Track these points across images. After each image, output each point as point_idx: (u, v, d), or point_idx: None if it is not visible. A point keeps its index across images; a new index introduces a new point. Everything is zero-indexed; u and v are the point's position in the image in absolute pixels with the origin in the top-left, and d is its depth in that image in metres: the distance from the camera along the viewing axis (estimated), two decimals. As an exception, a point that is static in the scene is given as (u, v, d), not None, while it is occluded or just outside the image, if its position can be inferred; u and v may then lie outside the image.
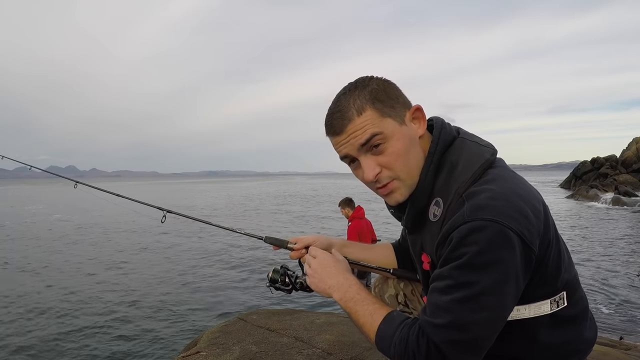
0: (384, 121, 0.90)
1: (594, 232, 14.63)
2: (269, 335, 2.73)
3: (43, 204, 34.82)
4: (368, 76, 0.97)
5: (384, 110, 0.91)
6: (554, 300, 0.89)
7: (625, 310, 6.54)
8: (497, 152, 0.94)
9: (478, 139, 0.98)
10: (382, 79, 0.96)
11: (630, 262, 9.93)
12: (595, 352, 2.52)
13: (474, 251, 0.78)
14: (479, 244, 0.77)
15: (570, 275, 0.93)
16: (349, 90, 0.94)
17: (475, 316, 0.78)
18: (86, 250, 12.74)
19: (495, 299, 0.78)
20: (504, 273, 0.77)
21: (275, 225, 18.79)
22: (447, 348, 0.80)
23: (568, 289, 0.91)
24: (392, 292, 1.37)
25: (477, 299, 0.78)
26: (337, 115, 0.92)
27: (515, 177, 0.90)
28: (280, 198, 39.37)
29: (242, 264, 10.33)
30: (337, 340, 2.60)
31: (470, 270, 0.78)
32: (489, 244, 0.77)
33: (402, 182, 0.95)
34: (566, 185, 39.08)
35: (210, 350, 2.50)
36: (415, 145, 0.94)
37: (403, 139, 0.92)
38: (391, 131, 0.91)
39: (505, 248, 0.77)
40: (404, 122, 0.93)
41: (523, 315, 0.88)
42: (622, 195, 23.75)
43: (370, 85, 0.93)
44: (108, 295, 7.80)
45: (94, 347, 5.43)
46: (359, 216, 5.33)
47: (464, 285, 0.78)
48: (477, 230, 0.78)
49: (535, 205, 0.84)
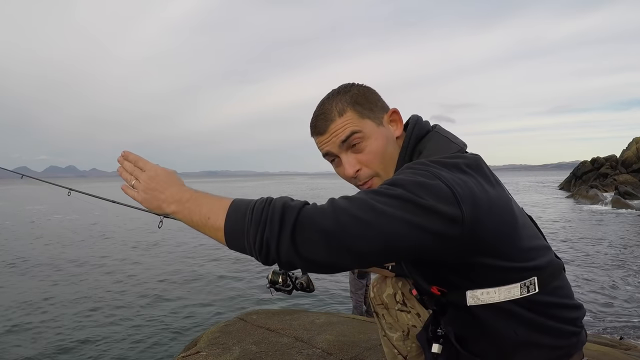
0: (363, 122, 0.98)
1: (594, 233, 14.62)
2: (269, 335, 2.73)
3: (44, 204, 34.83)
4: (350, 83, 1.05)
5: (364, 113, 0.98)
6: (524, 284, 0.89)
7: (625, 310, 6.54)
8: (465, 150, 0.98)
9: (451, 136, 1.01)
10: (362, 85, 1.04)
11: (630, 263, 9.93)
12: (595, 352, 2.52)
13: (403, 178, 0.79)
14: (411, 175, 0.80)
15: (543, 263, 0.93)
16: (332, 95, 1.02)
17: (385, 207, 0.74)
18: (85, 251, 12.74)
19: (409, 209, 0.74)
20: (421, 197, 0.74)
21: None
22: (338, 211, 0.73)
23: (540, 275, 0.91)
24: (390, 292, 1.38)
25: (394, 197, 0.75)
26: (320, 117, 1.00)
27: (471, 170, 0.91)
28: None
29: (242, 264, 10.33)
30: (337, 340, 2.61)
31: (394, 183, 0.78)
32: (417, 178, 0.78)
33: (381, 178, 1.00)
34: (566, 186, 39.05)
35: (210, 350, 2.50)
36: (392, 145, 1.01)
37: (380, 138, 0.99)
38: (369, 131, 0.98)
39: (430, 186, 0.76)
40: (382, 124, 1.00)
41: (493, 299, 0.88)
42: (621, 196, 23.73)
43: (351, 90, 1.01)
44: (107, 295, 7.80)
45: (93, 348, 5.42)
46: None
47: (386, 187, 0.78)
48: (410, 168, 0.84)
49: (481, 186, 0.83)
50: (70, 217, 22.87)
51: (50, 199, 38.06)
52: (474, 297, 0.89)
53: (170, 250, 12.52)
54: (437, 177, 0.79)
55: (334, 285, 7.92)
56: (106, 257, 11.69)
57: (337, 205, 0.75)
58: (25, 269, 10.27)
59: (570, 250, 11.44)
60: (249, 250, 0.78)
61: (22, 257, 11.77)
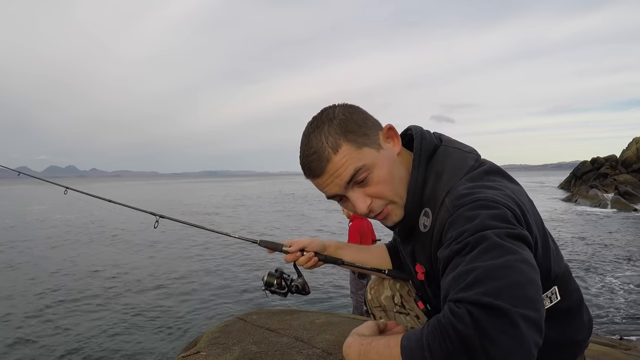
0: (362, 152, 0.89)
1: (594, 233, 14.63)
2: (269, 335, 2.73)
3: (45, 204, 34.84)
4: (330, 107, 0.94)
5: (359, 141, 0.89)
6: (547, 296, 0.89)
7: (625, 310, 6.54)
8: (480, 156, 0.94)
9: (461, 146, 0.98)
10: (345, 106, 0.94)
11: (630, 263, 9.92)
12: (595, 352, 2.52)
13: (467, 225, 0.72)
14: (471, 218, 0.73)
15: (561, 269, 0.93)
16: (317, 128, 0.91)
17: (506, 258, 0.66)
18: (84, 251, 12.74)
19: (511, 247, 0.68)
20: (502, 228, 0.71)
21: (275, 224, 18.79)
22: (486, 300, 0.62)
23: (559, 283, 0.91)
24: (388, 294, 1.36)
25: (494, 247, 0.68)
26: (313, 158, 0.90)
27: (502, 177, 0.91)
28: (281, 197, 39.44)
29: (242, 264, 10.33)
30: (337, 340, 2.61)
31: (471, 236, 0.71)
32: (479, 213, 0.73)
33: (396, 204, 0.96)
34: (566, 186, 39.03)
35: (210, 350, 2.50)
36: (396, 165, 0.94)
37: (385, 165, 0.91)
38: (372, 161, 0.90)
39: (497, 213, 0.72)
40: (380, 146, 0.92)
41: None
42: (621, 196, 23.72)
43: (336, 117, 0.90)
44: (107, 295, 7.80)
45: (92, 348, 5.42)
46: (360, 216, 5.34)
47: (475, 245, 0.70)
48: (463, 213, 0.76)
49: (512, 197, 0.81)
50: (69, 217, 22.85)
51: (50, 199, 38.05)
52: None
53: (169, 250, 12.51)
54: (491, 201, 0.74)
55: (334, 285, 7.92)
56: (104, 257, 11.68)
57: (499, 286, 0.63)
58: (20, 267, 10.26)
59: (570, 251, 11.43)
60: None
61: (20, 256, 11.78)
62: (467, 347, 0.60)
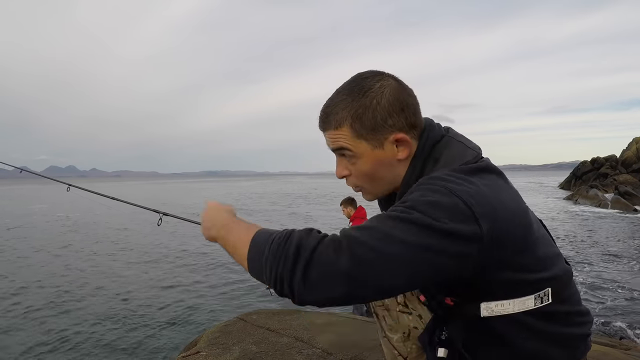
0: (357, 142, 0.92)
1: (594, 233, 14.63)
2: (269, 335, 2.73)
3: (46, 203, 34.85)
4: (374, 80, 0.92)
5: (361, 133, 0.91)
6: (538, 296, 0.89)
7: (625, 311, 6.54)
8: (481, 155, 0.95)
9: (465, 140, 0.98)
10: (385, 91, 0.91)
11: (630, 263, 9.93)
12: (595, 352, 2.52)
13: (421, 200, 0.76)
14: (429, 196, 0.77)
15: (557, 272, 0.93)
16: (342, 94, 0.92)
17: (408, 235, 0.72)
18: (84, 251, 12.74)
19: (430, 236, 0.73)
20: (442, 222, 0.73)
21: (278, 223, 18.78)
22: (353, 245, 0.71)
23: (554, 286, 0.91)
24: None
25: (414, 224, 0.73)
26: (322, 115, 0.95)
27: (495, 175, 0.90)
28: (281, 197, 39.44)
29: (241, 265, 10.33)
30: (337, 340, 2.61)
31: (415, 206, 0.76)
32: (436, 199, 0.76)
33: (366, 191, 1.01)
34: (566, 185, 39.04)
35: (210, 350, 2.50)
36: (387, 167, 0.95)
37: (370, 162, 0.93)
38: (361, 152, 0.92)
39: (449, 208, 0.74)
40: (381, 146, 0.92)
41: (507, 310, 0.88)
42: (621, 196, 23.72)
43: (361, 99, 0.90)
44: (107, 295, 7.80)
45: (93, 347, 5.42)
46: (360, 216, 5.34)
47: (406, 211, 0.76)
48: (428, 189, 0.78)
49: (487, 197, 0.80)
50: (70, 215, 22.87)
51: (52, 198, 38.02)
52: (488, 308, 0.88)
53: (169, 250, 12.52)
54: (454, 193, 0.77)
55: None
56: (104, 256, 11.69)
57: (351, 238, 0.73)
58: (16, 265, 10.27)
59: (569, 251, 11.43)
60: (267, 283, 0.78)
61: (18, 254, 11.79)
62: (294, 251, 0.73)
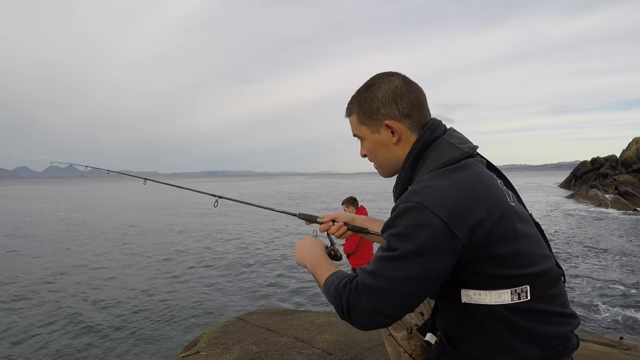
0: (360, 127, 1.16)
1: (594, 233, 14.63)
2: (269, 335, 2.73)
3: (50, 202, 34.91)
4: (380, 78, 1.13)
5: (363, 120, 1.14)
6: (515, 291, 0.93)
7: (625, 311, 6.54)
8: (472, 153, 1.04)
9: (458, 142, 1.05)
10: (383, 86, 1.10)
11: (630, 263, 9.93)
12: (595, 352, 2.53)
13: (403, 225, 0.93)
14: (407, 220, 0.93)
15: (539, 271, 0.95)
16: (364, 86, 1.14)
17: (392, 272, 0.92)
18: (84, 251, 12.76)
19: (413, 265, 0.91)
20: (420, 247, 0.90)
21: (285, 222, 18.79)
22: (364, 289, 0.96)
23: (533, 283, 0.94)
24: None
25: (397, 260, 0.92)
26: (347, 106, 1.18)
27: (472, 175, 0.97)
28: (282, 197, 39.45)
29: (242, 265, 10.34)
30: (337, 340, 2.61)
31: (398, 239, 0.93)
32: (413, 222, 0.92)
33: (379, 167, 1.20)
34: (566, 185, 39.03)
35: (210, 350, 2.50)
36: (384, 148, 1.14)
37: (372, 144, 1.15)
38: (364, 135, 1.16)
39: (425, 228, 0.90)
40: (377, 131, 1.13)
41: (484, 300, 0.94)
42: (621, 196, 23.71)
43: (366, 92, 1.12)
44: (107, 295, 7.81)
45: (93, 347, 5.43)
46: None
47: (391, 249, 0.94)
48: (407, 209, 0.94)
49: (478, 198, 0.93)
50: (70, 216, 22.89)
51: (54, 196, 38.00)
52: (467, 295, 0.96)
53: (169, 250, 12.53)
54: (429, 209, 0.90)
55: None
56: (104, 257, 11.70)
57: (364, 285, 0.97)
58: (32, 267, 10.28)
59: (569, 251, 11.44)
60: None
61: (18, 252, 11.81)
62: (339, 301, 1.02)
